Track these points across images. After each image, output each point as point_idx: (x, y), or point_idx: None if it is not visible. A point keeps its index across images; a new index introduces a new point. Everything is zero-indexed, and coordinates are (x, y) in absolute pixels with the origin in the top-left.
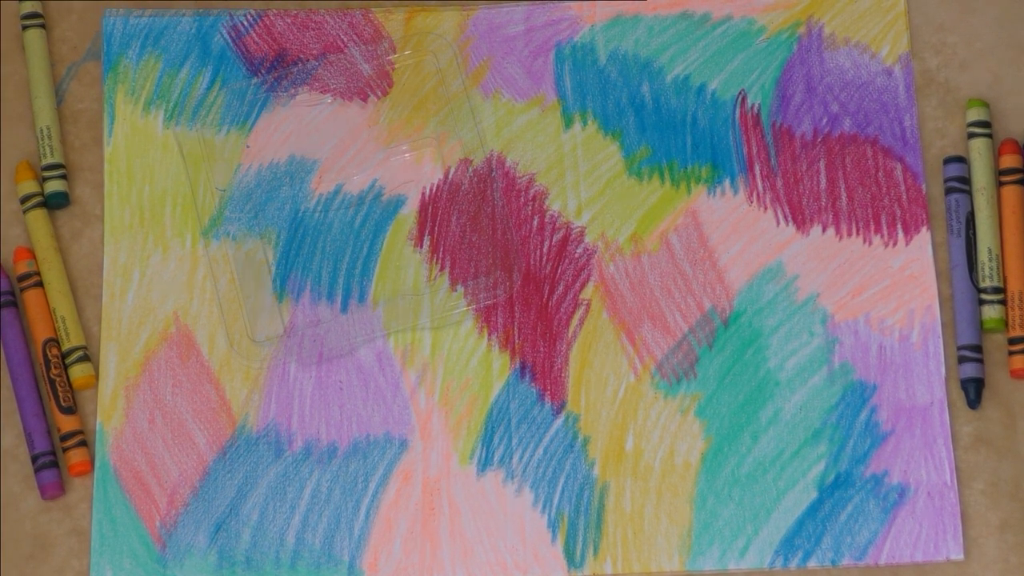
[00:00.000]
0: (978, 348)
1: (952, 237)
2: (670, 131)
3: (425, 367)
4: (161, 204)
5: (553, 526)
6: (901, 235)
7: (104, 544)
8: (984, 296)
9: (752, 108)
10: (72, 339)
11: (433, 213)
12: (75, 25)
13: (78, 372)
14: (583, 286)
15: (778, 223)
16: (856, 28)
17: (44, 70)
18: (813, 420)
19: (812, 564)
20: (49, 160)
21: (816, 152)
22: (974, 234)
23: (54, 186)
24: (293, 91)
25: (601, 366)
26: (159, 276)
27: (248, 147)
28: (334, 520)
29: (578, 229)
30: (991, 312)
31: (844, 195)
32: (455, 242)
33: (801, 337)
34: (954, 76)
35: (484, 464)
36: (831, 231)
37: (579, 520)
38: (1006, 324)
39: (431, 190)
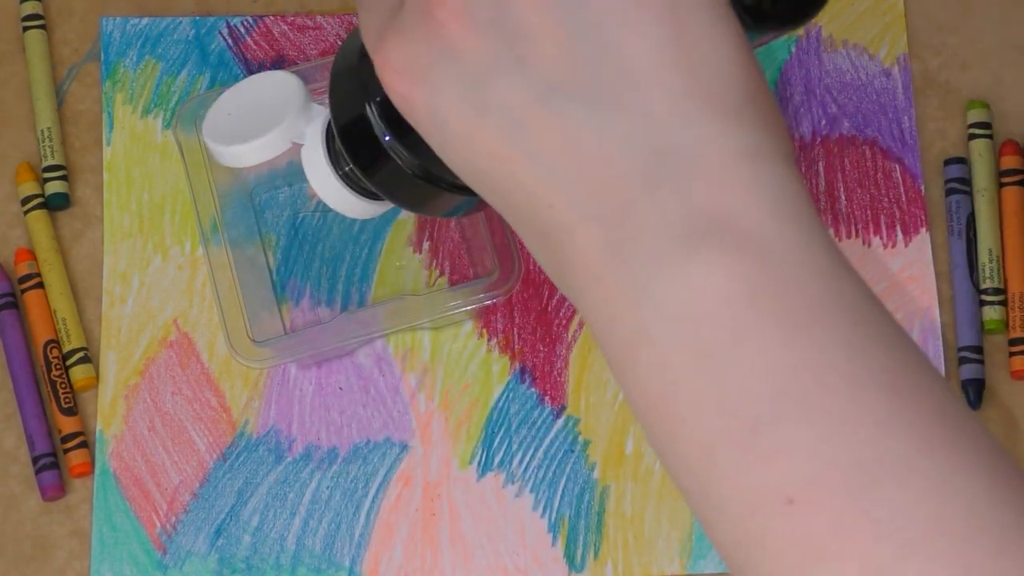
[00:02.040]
0: (979, 349)
1: (953, 238)
2: None
3: (425, 371)
4: (160, 210)
5: (554, 529)
6: (900, 236)
7: (104, 550)
8: (985, 297)
9: None
10: (73, 340)
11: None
12: (76, 26)
13: (79, 373)
14: None
15: None
16: (854, 30)
17: (45, 71)
18: None
19: None
20: (50, 161)
21: (815, 153)
22: (975, 235)
23: (55, 187)
24: None
25: (601, 369)
26: (158, 282)
27: None
28: (334, 524)
29: None
30: (992, 313)
31: (843, 197)
32: (455, 245)
33: None
34: (955, 77)
35: (484, 468)
36: (830, 233)
37: (580, 523)
38: (1007, 325)
39: None
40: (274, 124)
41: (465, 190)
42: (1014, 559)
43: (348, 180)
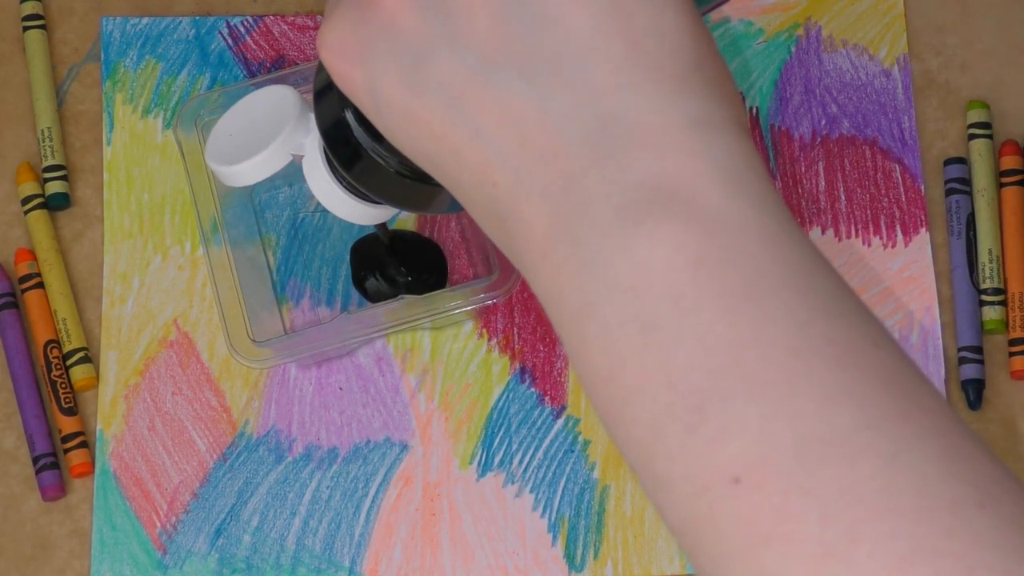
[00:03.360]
0: (979, 349)
1: (952, 238)
2: None
3: (425, 371)
4: (160, 210)
5: (554, 529)
6: (900, 237)
7: (104, 551)
8: (984, 297)
9: (751, 110)
10: (73, 340)
11: (433, 215)
12: (76, 26)
13: (79, 373)
14: None
15: None
16: (854, 30)
17: (45, 71)
18: None
19: None
20: (50, 161)
21: (815, 154)
22: (974, 235)
23: (55, 187)
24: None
25: None
26: (158, 282)
27: None
28: (334, 524)
29: None
30: (992, 313)
31: (843, 197)
32: (455, 245)
33: None
34: (954, 77)
35: (484, 468)
36: (830, 233)
37: (579, 523)
38: (1007, 325)
39: None
40: (272, 139)
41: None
42: (965, 535)
43: (350, 187)
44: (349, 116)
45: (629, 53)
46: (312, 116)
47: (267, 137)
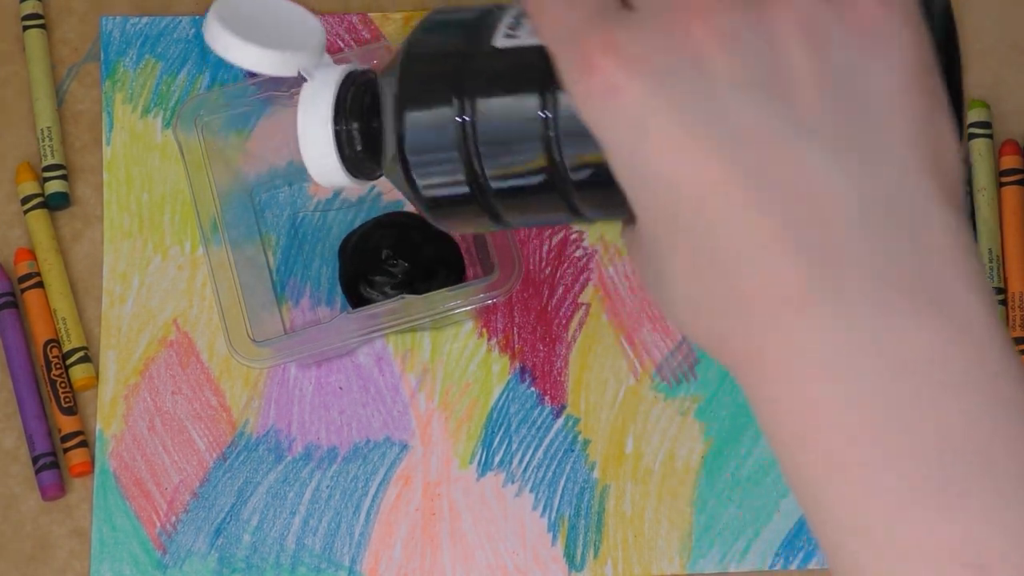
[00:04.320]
0: None
1: None
2: None
3: (425, 370)
4: (160, 210)
5: (554, 529)
6: None
7: (104, 550)
8: None
9: None
10: (73, 340)
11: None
12: (76, 26)
13: (79, 373)
14: (582, 288)
15: None
16: None
17: (45, 71)
18: None
19: (812, 565)
20: (50, 161)
21: None
22: (975, 235)
23: (55, 187)
24: (292, 94)
25: (601, 369)
26: (158, 282)
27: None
28: (334, 524)
29: (577, 231)
30: None
31: None
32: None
33: None
34: None
35: (484, 467)
36: None
37: (579, 523)
38: (1007, 325)
39: None
40: (291, 46)
41: (501, 219)
42: None
43: (343, 140)
44: (466, 122)
45: (927, 163)
46: (327, 56)
47: (286, 41)
